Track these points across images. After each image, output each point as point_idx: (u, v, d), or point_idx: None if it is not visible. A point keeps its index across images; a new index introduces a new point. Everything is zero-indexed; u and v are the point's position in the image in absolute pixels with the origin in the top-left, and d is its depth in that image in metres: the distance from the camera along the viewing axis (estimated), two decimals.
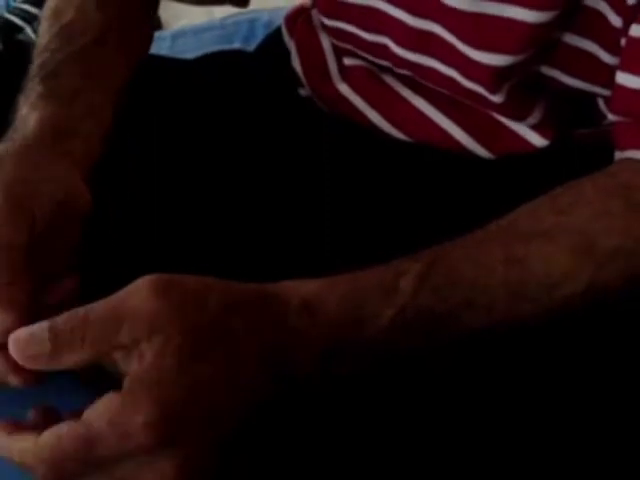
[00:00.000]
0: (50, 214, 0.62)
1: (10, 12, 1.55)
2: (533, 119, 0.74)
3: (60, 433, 0.50)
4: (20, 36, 1.48)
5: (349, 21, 0.76)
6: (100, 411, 0.50)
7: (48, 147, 0.65)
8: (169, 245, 0.76)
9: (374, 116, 0.81)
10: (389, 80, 0.80)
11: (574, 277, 0.58)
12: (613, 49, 0.66)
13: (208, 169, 0.81)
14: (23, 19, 1.51)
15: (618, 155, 0.64)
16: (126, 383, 0.50)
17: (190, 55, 1.00)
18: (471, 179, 0.78)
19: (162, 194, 0.78)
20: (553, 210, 0.60)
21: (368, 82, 0.81)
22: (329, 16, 0.78)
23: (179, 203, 0.78)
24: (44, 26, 0.74)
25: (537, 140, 0.76)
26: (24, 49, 0.90)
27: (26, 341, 0.52)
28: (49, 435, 0.50)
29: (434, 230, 0.74)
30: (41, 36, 0.74)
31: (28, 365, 0.52)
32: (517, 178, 0.76)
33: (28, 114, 0.66)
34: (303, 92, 0.86)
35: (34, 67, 0.71)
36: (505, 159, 0.77)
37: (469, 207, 0.76)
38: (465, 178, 0.78)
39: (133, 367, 0.51)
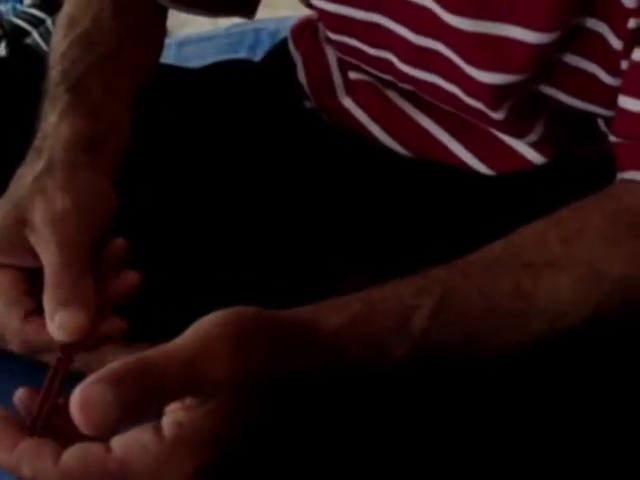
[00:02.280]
0: (100, 218, 0.64)
1: (17, 16, 1.55)
2: (533, 137, 0.75)
3: (86, 461, 0.48)
4: (27, 40, 1.49)
5: (353, 36, 0.77)
6: (137, 453, 0.48)
7: (85, 159, 0.67)
8: (173, 250, 0.77)
9: (377, 130, 0.82)
10: (393, 96, 0.81)
11: (580, 307, 0.58)
12: (613, 70, 0.66)
13: (212, 178, 0.82)
14: (30, 23, 1.52)
15: (619, 176, 0.65)
16: (170, 428, 0.48)
17: (195, 63, 1.01)
18: (471, 194, 0.79)
19: (167, 201, 0.79)
20: (560, 238, 0.60)
21: (372, 97, 0.82)
22: (334, 30, 0.79)
23: (184, 211, 0.79)
24: (60, 33, 0.76)
25: (536, 158, 0.77)
26: (31, 53, 0.91)
27: (92, 408, 0.46)
28: (73, 460, 0.48)
29: (434, 244, 0.76)
30: (57, 42, 0.75)
31: (90, 431, 0.47)
32: (516, 194, 0.77)
33: (58, 124, 0.68)
34: (308, 104, 0.87)
35: (55, 74, 0.72)
36: (505, 175, 0.78)
37: (469, 222, 0.77)
38: (465, 193, 0.79)
39: (179, 414, 0.49)
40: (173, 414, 0.49)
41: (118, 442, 0.48)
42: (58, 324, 0.58)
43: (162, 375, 0.47)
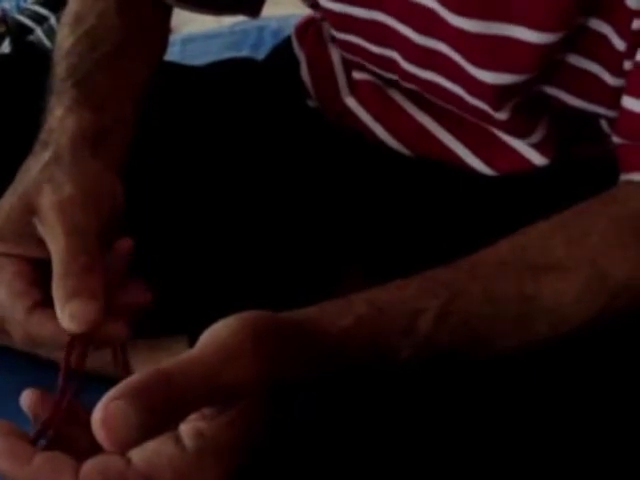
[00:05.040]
0: (107, 207, 0.64)
1: (21, 13, 1.55)
2: (535, 137, 0.75)
3: (108, 476, 0.47)
4: (31, 37, 1.48)
5: (357, 34, 0.77)
6: (160, 466, 0.47)
7: (90, 151, 0.67)
8: (176, 246, 0.77)
9: (380, 130, 0.82)
10: (396, 96, 0.81)
11: (584, 311, 0.58)
12: (616, 71, 0.66)
13: (215, 176, 0.82)
14: (34, 20, 1.52)
15: (623, 177, 0.65)
16: (191, 438, 0.48)
17: (199, 61, 1.01)
18: (473, 195, 0.79)
19: (168, 198, 0.79)
20: (565, 241, 0.60)
21: (375, 97, 0.82)
22: (338, 29, 0.79)
23: (185, 208, 0.80)
24: (65, 31, 0.76)
25: (538, 159, 0.77)
26: (35, 50, 0.91)
27: (115, 425, 0.44)
28: (94, 475, 0.47)
29: (436, 243, 0.76)
30: (63, 39, 0.75)
31: (114, 448, 0.45)
32: (518, 195, 0.77)
33: (64, 117, 0.68)
34: (311, 103, 0.87)
35: (61, 69, 0.72)
36: (507, 176, 0.78)
37: (471, 222, 0.77)
38: (467, 194, 0.79)
39: (199, 424, 0.48)
40: (192, 424, 0.48)
41: (139, 455, 0.48)
42: (69, 314, 0.57)
43: (183, 387, 0.46)
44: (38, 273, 0.62)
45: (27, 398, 0.54)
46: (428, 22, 0.70)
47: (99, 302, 0.58)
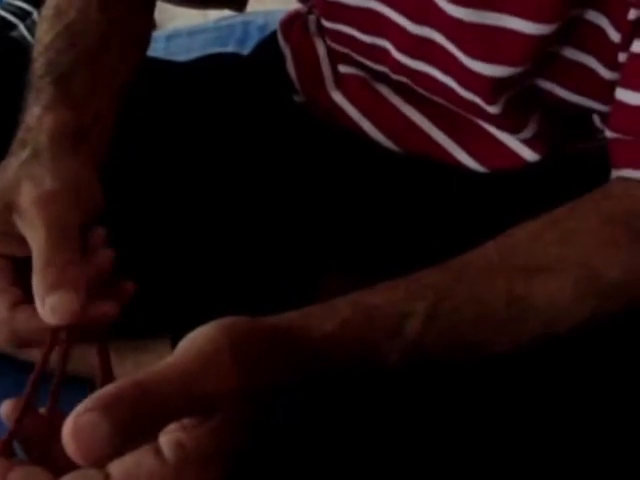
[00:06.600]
0: (87, 203, 0.63)
1: (3, 9, 1.54)
2: (527, 133, 0.74)
3: None
4: (13, 33, 1.47)
5: (349, 23, 0.76)
6: (141, 479, 0.46)
7: (70, 148, 0.65)
8: (158, 242, 0.76)
9: (367, 125, 0.81)
10: (383, 90, 0.80)
11: (576, 312, 0.57)
12: (611, 64, 0.66)
13: (199, 172, 0.81)
14: (16, 16, 1.51)
15: (614, 173, 0.64)
16: (172, 449, 0.46)
17: (184, 57, 1.00)
18: (463, 191, 0.78)
19: (151, 195, 0.78)
20: (556, 239, 0.59)
21: (362, 91, 0.81)
22: (328, 18, 0.78)
23: (169, 205, 0.79)
24: (45, 25, 0.74)
25: (529, 155, 0.76)
26: (18, 46, 0.90)
27: (87, 439, 0.43)
28: None
29: (424, 240, 0.75)
30: (43, 34, 0.73)
31: (86, 462, 0.44)
32: (508, 192, 0.76)
33: (43, 116, 0.67)
34: (297, 98, 0.86)
35: (39, 65, 0.71)
36: (497, 172, 0.77)
37: (460, 219, 0.76)
38: (457, 190, 0.78)
39: (179, 435, 0.47)
40: (172, 434, 0.47)
41: (118, 468, 0.46)
42: (50, 307, 0.56)
43: (159, 399, 0.45)
44: (19, 272, 0.61)
45: (7, 408, 0.53)
46: (423, 10, 0.69)
47: (80, 294, 0.57)
